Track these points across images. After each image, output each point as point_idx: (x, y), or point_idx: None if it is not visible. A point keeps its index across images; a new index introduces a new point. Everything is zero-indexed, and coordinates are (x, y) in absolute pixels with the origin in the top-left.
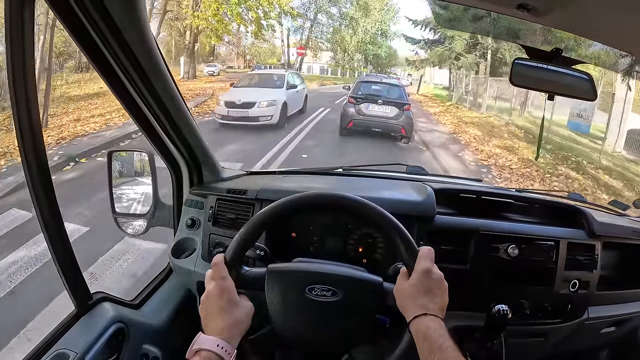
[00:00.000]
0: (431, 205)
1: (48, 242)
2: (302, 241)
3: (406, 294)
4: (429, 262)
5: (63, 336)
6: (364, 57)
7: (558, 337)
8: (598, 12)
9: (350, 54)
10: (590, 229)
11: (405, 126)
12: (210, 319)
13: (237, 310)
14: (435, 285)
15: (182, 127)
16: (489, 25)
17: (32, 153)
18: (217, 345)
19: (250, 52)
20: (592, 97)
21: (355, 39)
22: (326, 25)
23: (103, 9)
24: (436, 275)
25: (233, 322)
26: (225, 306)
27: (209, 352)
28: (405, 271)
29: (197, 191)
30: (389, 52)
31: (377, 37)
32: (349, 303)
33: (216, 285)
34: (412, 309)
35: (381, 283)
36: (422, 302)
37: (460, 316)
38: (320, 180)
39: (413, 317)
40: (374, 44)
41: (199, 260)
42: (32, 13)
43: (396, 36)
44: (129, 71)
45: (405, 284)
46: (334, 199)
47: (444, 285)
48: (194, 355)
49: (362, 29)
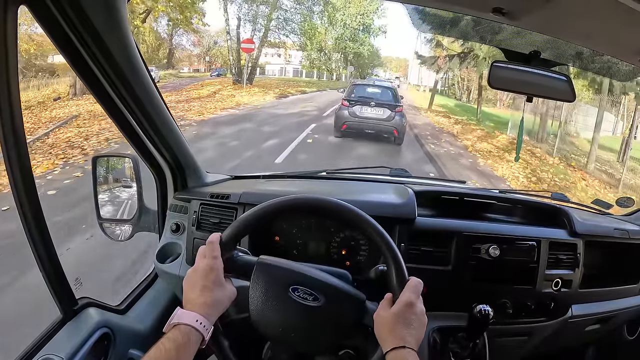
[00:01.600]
0: (411, 207)
1: (33, 248)
2: (285, 245)
3: (386, 323)
4: (414, 295)
5: (49, 342)
6: (343, 56)
7: (542, 335)
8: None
9: (328, 52)
10: (571, 228)
11: (398, 127)
12: (193, 293)
13: (220, 291)
14: (415, 319)
15: (165, 132)
16: (468, 28)
17: (16, 158)
18: (197, 320)
19: (210, 54)
20: (570, 99)
21: (333, 34)
22: (291, 12)
23: (84, 15)
24: (419, 309)
25: (214, 301)
26: (210, 284)
27: (187, 327)
28: (390, 297)
29: (181, 196)
30: (371, 50)
31: (358, 32)
32: (328, 312)
33: (206, 263)
34: (391, 340)
35: (364, 300)
36: (401, 334)
37: (443, 317)
38: (304, 183)
39: (391, 348)
40: (354, 41)
41: (183, 265)
42: (15, 18)
43: (381, 32)
44: (110, 76)
45: (387, 312)
46: (340, 208)
47: (423, 320)
48: (172, 329)
49: (341, 23)
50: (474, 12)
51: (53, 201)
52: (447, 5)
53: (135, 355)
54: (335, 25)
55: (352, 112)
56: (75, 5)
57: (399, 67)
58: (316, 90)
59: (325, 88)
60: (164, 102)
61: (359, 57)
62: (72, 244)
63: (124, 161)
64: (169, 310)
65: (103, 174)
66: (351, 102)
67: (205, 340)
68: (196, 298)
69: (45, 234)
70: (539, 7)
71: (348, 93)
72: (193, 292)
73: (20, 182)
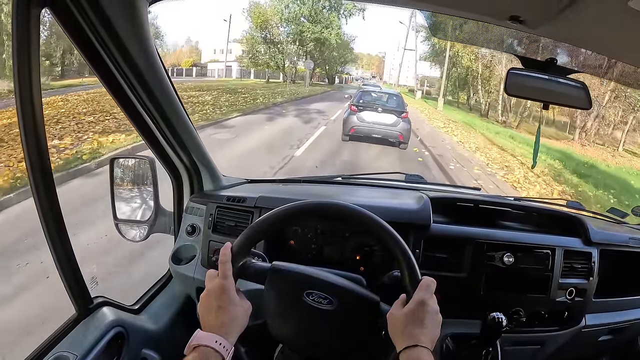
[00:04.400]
0: (427, 214)
1: (51, 246)
2: (299, 249)
3: (399, 323)
4: (427, 294)
5: (63, 339)
6: (298, 42)
7: (555, 344)
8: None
9: (277, 40)
10: (586, 237)
11: (403, 132)
12: (209, 315)
13: (235, 309)
14: (429, 318)
15: (183, 135)
16: (484, 35)
17: (36, 156)
18: (216, 341)
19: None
20: (587, 106)
21: (284, 11)
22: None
23: (106, 18)
24: (432, 308)
25: (231, 320)
26: (224, 304)
27: (206, 348)
28: (404, 298)
29: (198, 198)
30: (341, 38)
31: (322, 11)
32: (342, 314)
33: (216, 284)
34: (404, 339)
35: (378, 302)
36: (414, 332)
37: (456, 323)
38: (320, 188)
39: (404, 347)
40: (315, 22)
41: (198, 267)
42: (38, 20)
43: (358, 11)
44: (130, 79)
45: (400, 312)
46: (353, 213)
47: (437, 318)
48: (192, 351)
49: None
50: (491, 19)
51: None
52: (465, 13)
53: (149, 355)
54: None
55: (360, 117)
56: (97, 8)
57: (371, 64)
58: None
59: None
60: (182, 104)
61: (322, 46)
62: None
63: (141, 163)
64: (183, 312)
65: (120, 175)
66: (359, 108)
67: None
68: (213, 319)
69: (64, 234)
70: (556, 15)
71: (356, 99)
72: (209, 314)
73: (41, 183)
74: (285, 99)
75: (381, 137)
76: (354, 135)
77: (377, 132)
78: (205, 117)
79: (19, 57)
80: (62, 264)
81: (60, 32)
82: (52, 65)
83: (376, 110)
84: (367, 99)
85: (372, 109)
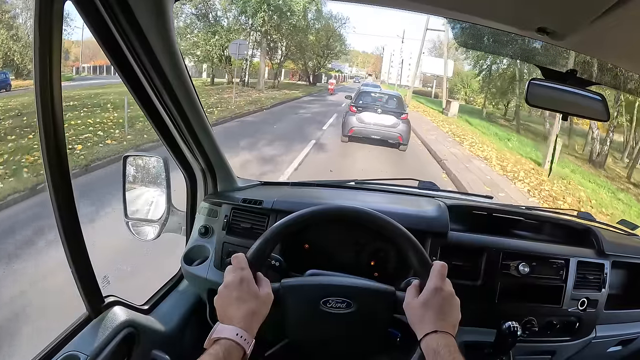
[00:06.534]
0: (445, 221)
1: (65, 245)
2: (314, 253)
3: (416, 311)
4: (440, 280)
5: (74, 338)
6: (248, 17)
7: (566, 355)
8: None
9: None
10: (599, 248)
11: (403, 134)
12: (228, 308)
13: (254, 300)
14: (445, 303)
15: (200, 135)
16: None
17: (54, 157)
18: (237, 334)
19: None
20: (605, 118)
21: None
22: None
23: (130, 13)
24: (447, 292)
25: (251, 311)
26: (244, 295)
27: (227, 341)
28: (416, 284)
29: (212, 199)
30: (320, 16)
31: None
32: (364, 314)
33: (234, 276)
34: (423, 327)
35: (394, 292)
36: (432, 319)
37: (470, 332)
38: (334, 193)
39: (423, 334)
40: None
41: (211, 268)
42: (61, 14)
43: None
44: (151, 77)
45: (416, 301)
46: (356, 213)
47: (454, 301)
48: (213, 344)
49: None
50: (517, 30)
51: None
52: (492, 23)
53: (158, 356)
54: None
55: (359, 118)
56: (122, 3)
57: (367, 63)
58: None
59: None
60: (201, 104)
61: (295, 29)
62: None
63: (154, 161)
64: (194, 313)
65: (132, 173)
66: (359, 109)
67: (246, 354)
68: (233, 312)
69: (78, 232)
70: (584, 27)
71: (356, 99)
72: (230, 306)
73: (58, 180)
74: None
75: (380, 138)
76: (353, 137)
77: (376, 134)
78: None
79: (41, 53)
80: (75, 262)
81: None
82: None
83: (376, 111)
84: (366, 100)
85: (372, 110)
